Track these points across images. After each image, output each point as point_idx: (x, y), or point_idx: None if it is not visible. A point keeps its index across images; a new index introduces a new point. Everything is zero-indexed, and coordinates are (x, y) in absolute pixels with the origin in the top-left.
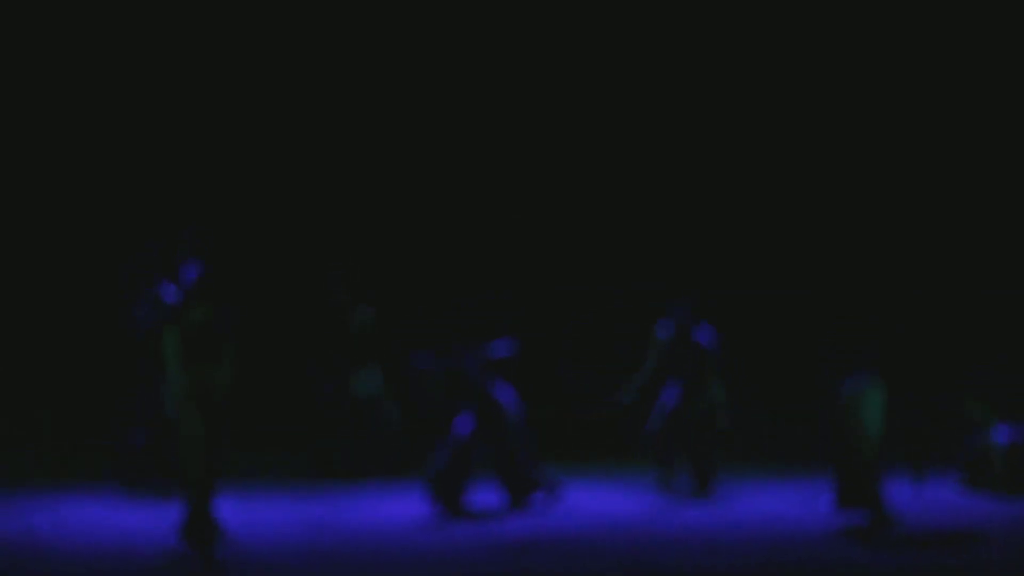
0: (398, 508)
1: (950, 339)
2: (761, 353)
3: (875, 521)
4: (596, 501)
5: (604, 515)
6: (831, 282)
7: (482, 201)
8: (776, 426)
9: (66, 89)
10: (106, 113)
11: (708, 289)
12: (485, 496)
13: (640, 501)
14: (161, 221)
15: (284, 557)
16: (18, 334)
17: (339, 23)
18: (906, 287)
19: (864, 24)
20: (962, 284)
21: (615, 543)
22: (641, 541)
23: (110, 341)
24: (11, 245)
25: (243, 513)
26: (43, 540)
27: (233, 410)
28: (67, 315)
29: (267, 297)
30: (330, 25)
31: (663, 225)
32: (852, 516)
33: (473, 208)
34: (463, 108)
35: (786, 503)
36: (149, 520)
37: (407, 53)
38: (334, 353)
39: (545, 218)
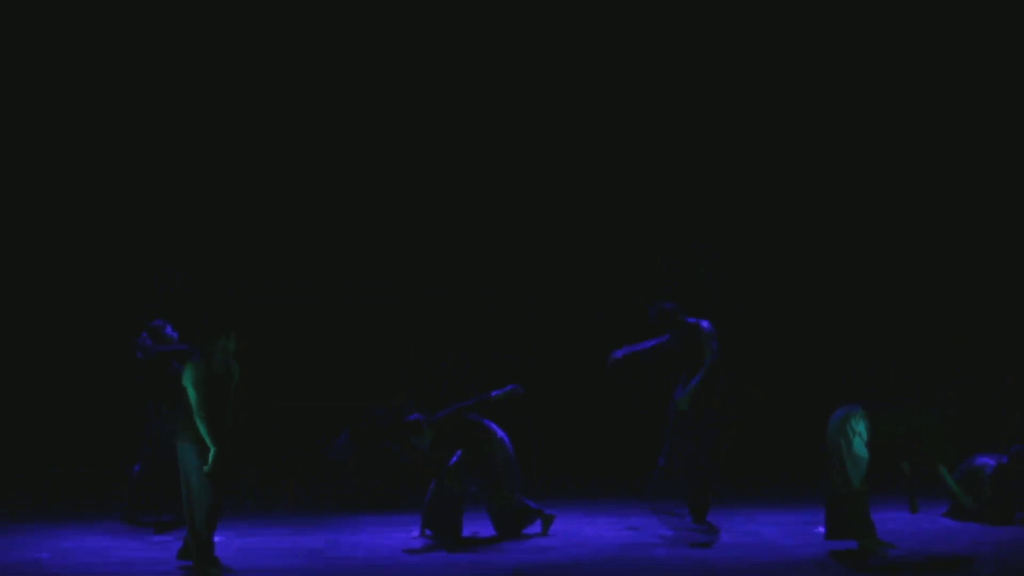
0: (395, 538)
1: (938, 369)
2: (756, 379)
3: (866, 547)
4: (590, 527)
5: (598, 542)
6: (824, 311)
7: (481, 204)
8: (771, 452)
9: (69, 97)
10: (108, 119)
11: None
12: (480, 527)
13: (634, 527)
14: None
15: None
16: (18, 365)
17: (327, 36)
18: (895, 316)
19: (859, 36)
20: (951, 311)
21: (609, 571)
22: (634, 568)
23: (109, 373)
24: (9, 275)
25: (240, 539)
26: (46, 571)
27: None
28: (66, 345)
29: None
30: (317, 37)
31: (655, 245)
32: (845, 543)
33: (472, 210)
34: (456, 117)
35: (780, 529)
36: (150, 550)
37: (400, 60)
38: None
39: (543, 224)
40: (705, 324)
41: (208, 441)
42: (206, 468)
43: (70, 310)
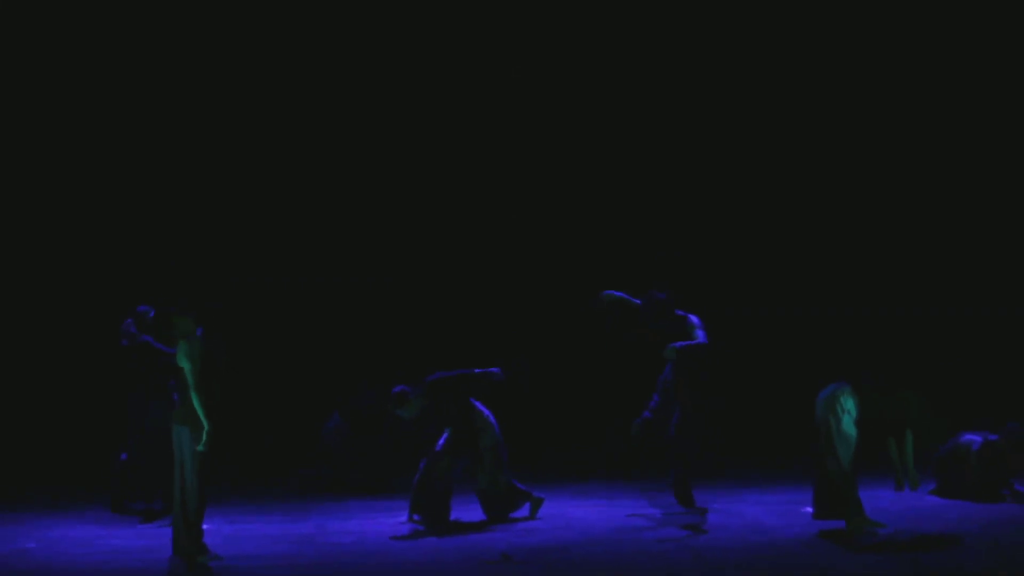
0: (384, 523)
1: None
2: (742, 359)
3: (854, 527)
4: (578, 510)
5: (586, 524)
6: (813, 294)
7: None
8: (758, 431)
9: (68, 99)
10: (103, 119)
11: (696, 302)
12: (469, 510)
13: (622, 510)
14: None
15: (270, 571)
16: (3, 355)
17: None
18: (885, 302)
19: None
20: (940, 300)
21: (598, 553)
22: (623, 550)
23: (95, 361)
24: (20, 276)
25: (229, 526)
26: (34, 560)
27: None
28: (52, 334)
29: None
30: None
31: (649, 238)
32: (832, 523)
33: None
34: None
35: (768, 509)
36: (139, 538)
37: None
38: None
39: (537, 229)
40: (694, 318)
41: (202, 418)
42: (199, 447)
43: (54, 299)
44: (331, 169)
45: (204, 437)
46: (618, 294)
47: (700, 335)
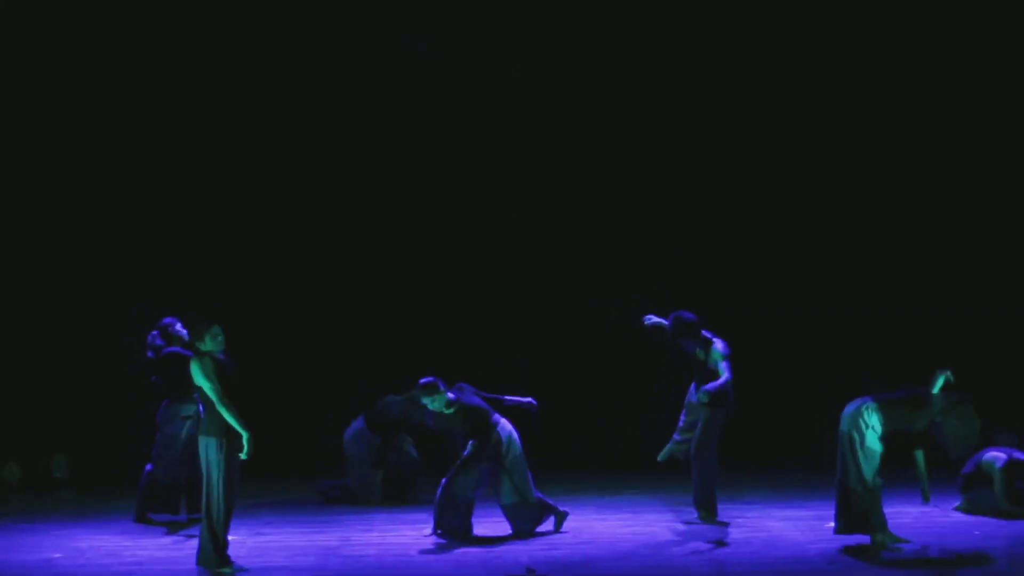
0: (408, 536)
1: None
2: (768, 372)
3: (878, 542)
4: (602, 523)
5: (609, 538)
6: (835, 303)
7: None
8: (782, 446)
9: (71, 102)
10: (110, 122)
11: (714, 307)
12: (493, 524)
13: (647, 524)
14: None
15: None
16: (29, 364)
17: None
18: (885, 302)
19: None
20: (941, 300)
21: (622, 567)
22: (647, 564)
23: (120, 371)
24: (19, 273)
25: (254, 537)
26: (60, 570)
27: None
28: (77, 344)
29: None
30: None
31: (649, 238)
32: (856, 538)
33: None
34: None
35: (792, 524)
36: (163, 549)
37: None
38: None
39: (538, 232)
40: (719, 344)
41: (239, 428)
42: (242, 455)
43: (81, 308)
44: (331, 169)
45: (246, 445)
46: (657, 319)
47: (724, 367)
